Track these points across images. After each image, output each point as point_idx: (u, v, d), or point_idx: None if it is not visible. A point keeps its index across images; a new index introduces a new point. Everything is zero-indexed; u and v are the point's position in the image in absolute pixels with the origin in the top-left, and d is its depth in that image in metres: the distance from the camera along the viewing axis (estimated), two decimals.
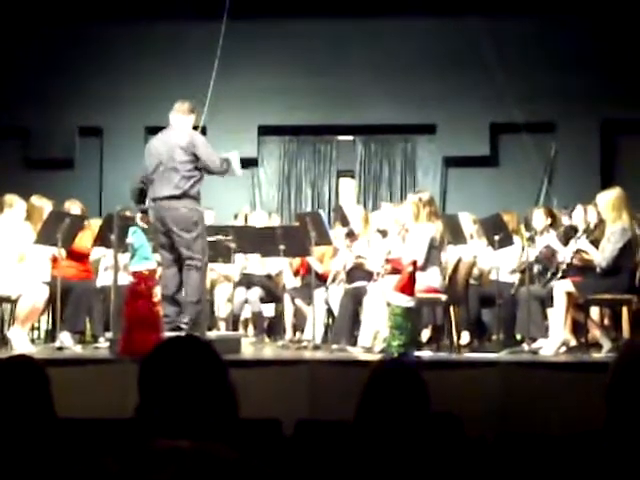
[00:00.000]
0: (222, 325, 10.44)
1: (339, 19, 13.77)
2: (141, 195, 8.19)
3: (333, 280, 9.76)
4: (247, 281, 10.52)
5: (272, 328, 10.78)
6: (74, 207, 9.65)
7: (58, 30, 13.82)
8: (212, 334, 8.62)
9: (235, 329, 10.25)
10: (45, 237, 8.60)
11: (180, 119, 8.15)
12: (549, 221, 9.39)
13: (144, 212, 8.17)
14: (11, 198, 8.80)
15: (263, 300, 10.48)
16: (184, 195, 7.93)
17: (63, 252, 8.85)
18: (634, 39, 13.15)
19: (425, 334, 9.51)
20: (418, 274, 7.94)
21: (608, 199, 8.22)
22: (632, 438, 2.71)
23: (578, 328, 8.69)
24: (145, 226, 8.10)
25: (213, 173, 8.17)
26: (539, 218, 9.42)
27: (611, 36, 13.31)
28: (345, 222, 10.18)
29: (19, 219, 8.79)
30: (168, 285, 8.05)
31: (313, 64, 13.83)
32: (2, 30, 13.79)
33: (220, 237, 9.55)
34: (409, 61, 13.72)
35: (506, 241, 8.93)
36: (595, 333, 8.49)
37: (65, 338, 8.75)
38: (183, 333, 7.58)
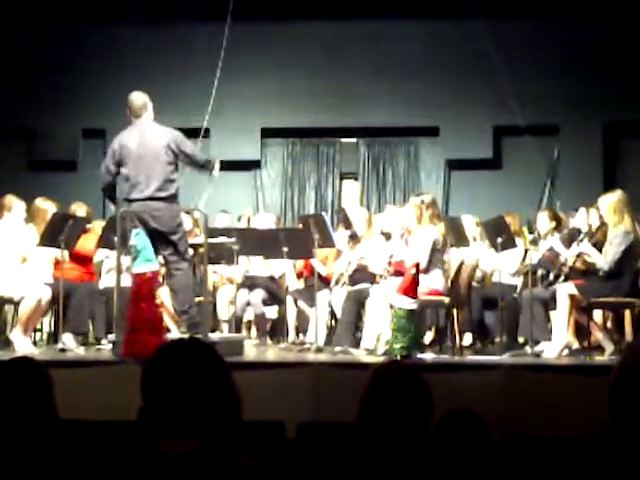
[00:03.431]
0: (225, 327, 10.44)
1: (343, 22, 13.77)
2: (114, 191, 8.13)
3: (337, 282, 9.76)
4: (250, 283, 10.52)
5: (275, 330, 10.78)
6: (80, 210, 9.65)
7: (62, 32, 13.82)
8: (215, 336, 8.61)
9: (238, 331, 10.24)
10: (48, 239, 8.59)
11: (148, 114, 8.12)
12: (554, 224, 9.38)
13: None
14: (10, 200, 8.79)
15: (266, 302, 10.47)
16: (170, 197, 7.90)
17: (66, 254, 8.85)
18: (637, 42, 13.14)
19: (428, 336, 9.52)
20: (421, 276, 7.94)
21: (610, 202, 8.20)
22: (636, 441, 2.71)
23: (581, 331, 8.68)
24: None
25: (197, 167, 8.17)
26: (543, 221, 9.42)
27: (614, 39, 13.30)
28: (348, 224, 10.17)
29: (19, 221, 8.79)
30: None
31: (316, 66, 13.83)
32: (6, 32, 13.80)
33: (223, 239, 9.54)
34: (412, 64, 13.71)
35: (509, 243, 8.93)
36: (598, 336, 8.48)
37: (68, 340, 8.75)
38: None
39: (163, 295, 8.68)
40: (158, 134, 7.98)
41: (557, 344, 8.17)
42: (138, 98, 8.15)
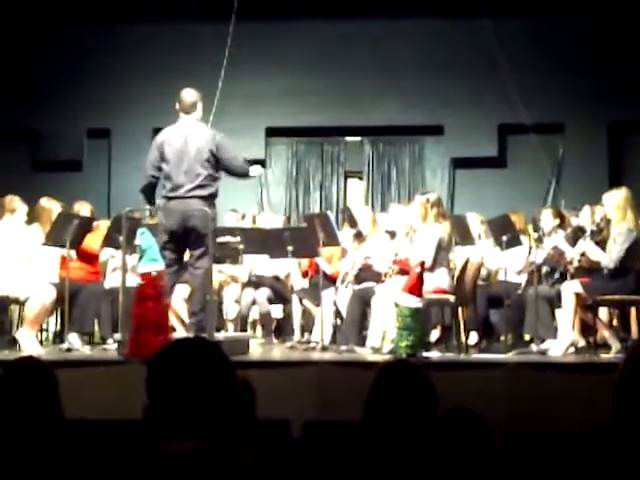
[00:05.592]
0: (230, 326, 10.45)
1: (347, 20, 13.77)
2: (153, 191, 8.15)
3: (342, 281, 9.76)
4: (255, 282, 10.53)
5: (280, 329, 10.78)
6: (83, 209, 9.66)
7: (66, 32, 13.84)
8: (220, 335, 8.62)
9: (243, 330, 10.26)
10: (53, 238, 8.61)
11: (196, 113, 8.12)
12: (557, 222, 9.38)
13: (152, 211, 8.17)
14: (11, 202, 8.78)
15: (271, 301, 10.48)
16: (209, 196, 7.91)
17: (73, 253, 8.86)
18: None
19: (433, 335, 9.50)
20: (426, 275, 7.94)
21: (615, 199, 8.20)
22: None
23: (586, 329, 8.68)
24: (154, 222, 8.07)
25: (234, 174, 8.15)
26: (547, 219, 9.42)
27: (619, 37, 13.30)
28: (353, 223, 10.18)
29: (21, 221, 8.79)
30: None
31: (321, 65, 13.83)
32: (11, 33, 13.82)
33: (228, 238, 9.54)
34: (417, 62, 13.71)
35: (514, 241, 8.93)
36: (604, 334, 8.48)
37: (73, 339, 8.76)
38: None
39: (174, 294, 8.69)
40: (202, 134, 7.97)
41: (563, 342, 8.17)
42: (190, 95, 8.15)
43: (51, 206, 9.12)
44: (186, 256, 8.23)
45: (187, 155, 7.87)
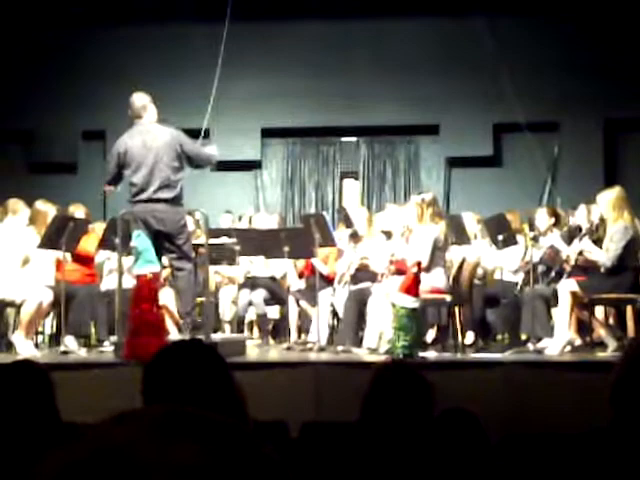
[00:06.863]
0: (227, 327, 10.45)
1: (342, 20, 13.77)
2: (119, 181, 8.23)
3: (339, 282, 9.75)
4: (251, 283, 10.52)
5: (277, 330, 10.78)
6: (78, 211, 9.66)
7: (61, 34, 13.82)
8: (217, 336, 8.61)
9: (240, 331, 10.25)
10: (49, 241, 8.60)
11: (148, 115, 8.12)
12: (552, 221, 9.39)
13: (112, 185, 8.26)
14: (15, 204, 8.80)
15: (268, 302, 10.47)
16: (176, 198, 7.91)
17: (69, 256, 8.86)
18: (637, 39, 13.13)
19: (430, 335, 9.51)
20: (422, 275, 7.94)
21: (608, 199, 8.22)
22: (637, 437, 2.71)
23: (583, 327, 8.68)
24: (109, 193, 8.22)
25: (201, 165, 8.24)
26: (542, 218, 9.44)
27: (614, 35, 13.30)
28: (349, 223, 10.17)
29: (22, 224, 8.80)
30: None
31: (316, 66, 13.82)
32: (6, 34, 13.80)
33: (224, 239, 9.54)
34: (412, 62, 13.71)
35: (510, 241, 8.94)
36: (600, 332, 8.48)
37: (70, 342, 8.75)
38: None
39: (165, 296, 8.70)
40: (160, 135, 7.97)
41: (559, 341, 8.17)
42: (138, 99, 8.16)
43: (46, 209, 9.11)
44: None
45: (148, 159, 7.88)
